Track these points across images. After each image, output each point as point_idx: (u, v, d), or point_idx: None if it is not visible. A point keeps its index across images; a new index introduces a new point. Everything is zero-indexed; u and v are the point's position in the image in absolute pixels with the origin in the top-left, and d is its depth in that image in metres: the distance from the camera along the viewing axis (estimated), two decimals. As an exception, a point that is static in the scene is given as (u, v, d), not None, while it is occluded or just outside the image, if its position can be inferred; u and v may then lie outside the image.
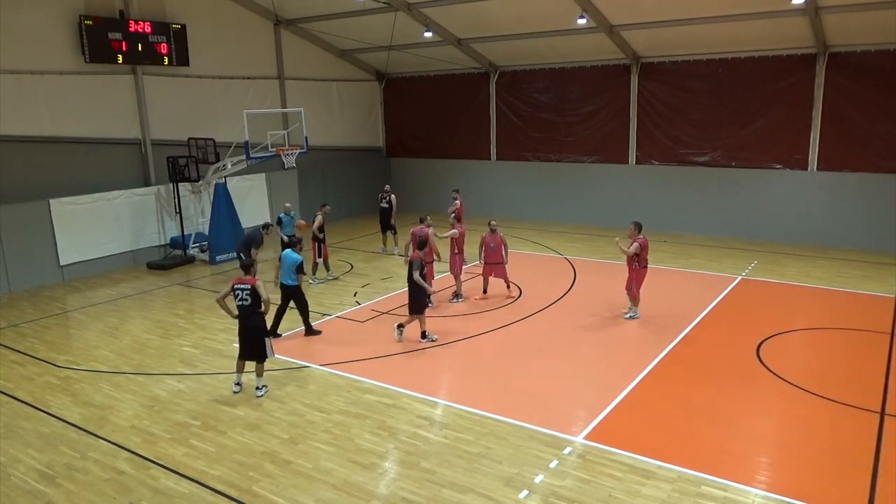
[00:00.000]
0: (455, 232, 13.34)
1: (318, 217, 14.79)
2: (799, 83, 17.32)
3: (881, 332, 11.01)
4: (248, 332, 9.00)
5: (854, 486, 6.69)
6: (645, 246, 11.70)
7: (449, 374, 9.89)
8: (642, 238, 11.67)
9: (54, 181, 15.73)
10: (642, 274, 11.84)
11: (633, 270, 11.80)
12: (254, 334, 8.99)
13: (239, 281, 8.96)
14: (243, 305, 8.91)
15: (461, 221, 14.18)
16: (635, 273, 11.79)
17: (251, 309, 8.89)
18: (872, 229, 16.75)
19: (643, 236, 11.70)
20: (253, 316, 8.92)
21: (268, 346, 9.06)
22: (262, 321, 9.01)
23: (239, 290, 8.88)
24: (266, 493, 6.76)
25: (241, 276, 9.07)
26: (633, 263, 11.76)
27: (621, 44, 18.46)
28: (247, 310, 8.91)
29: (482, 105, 22.66)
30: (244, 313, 8.94)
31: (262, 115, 16.95)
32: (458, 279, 13.35)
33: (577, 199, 21.16)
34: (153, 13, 17.17)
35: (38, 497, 6.83)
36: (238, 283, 8.92)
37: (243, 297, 8.88)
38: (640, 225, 11.80)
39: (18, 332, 12.14)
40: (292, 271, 11.07)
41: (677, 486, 6.69)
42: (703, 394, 8.85)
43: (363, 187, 23.25)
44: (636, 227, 11.76)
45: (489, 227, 13.21)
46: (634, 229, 11.74)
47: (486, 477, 6.94)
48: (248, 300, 8.87)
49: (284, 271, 11.18)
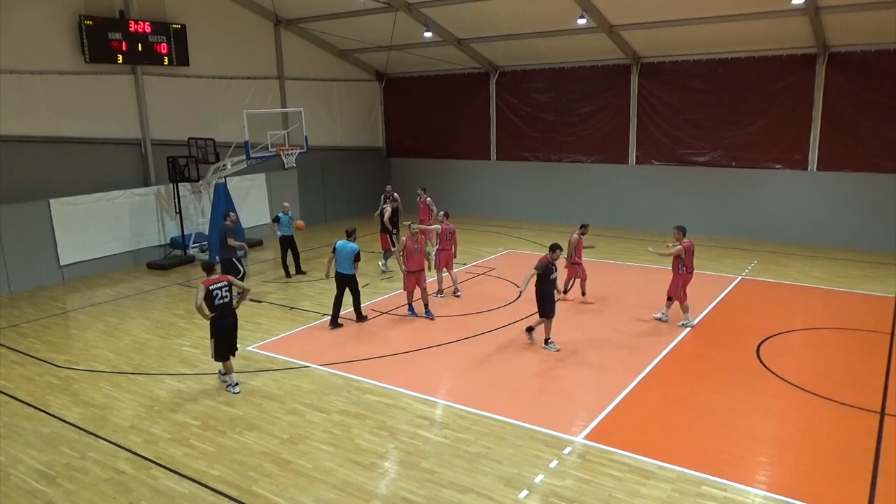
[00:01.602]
0: (438, 227, 13.48)
1: (388, 209, 15.33)
2: (799, 83, 17.33)
3: (881, 332, 11.01)
4: (231, 328, 9.12)
5: (854, 486, 6.69)
6: (689, 250, 11.26)
7: (449, 374, 9.89)
8: (687, 242, 11.26)
9: (54, 181, 15.74)
10: (688, 279, 11.36)
11: (679, 276, 11.32)
12: (233, 330, 9.17)
13: (212, 281, 8.88)
14: (224, 303, 8.92)
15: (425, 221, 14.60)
16: (681, 279, 11.31)
17: (231, 305, 9.04)
18: (872, 229, 16.76)
19: (688, 240, 11.31)
20: (232, 313, 9.10)
21: None
22: (236, 316, 9.20)
23: (217, 288, 8.86)
24: (266, 493, 6.76)
25: (209, 278, 8.93)
26: (678, 268, 11.30)
27: (621, 44, 18.46)
28: (228, 306, 9.00)
29: (482, 105, 22.66)
30: (226, 311, 8.98)
31: (262, 115, 16.94)
32: (441, 275, 13.56)
33: (577, 200, 21.16)
34: (153, 13, 17.18)
35: (38, 497, 6.83)
36: (213, 283, 8.85)
37: (222, 295, 8.89)
38: (683, 229, 11.38)
39: (18, 332, 12.14)
40: (350, 260, 11.48)
41: (677, 486, 6.69)
42: (703, 394, 8.85)
43: (363, 187, 23.26)
44: (680, 231, 11.34)
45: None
46: (678, 233, 11.33)
47: (486, 477, 6.94)
48: (227, 297, 8.95)
49: (341, 261, 11.51)
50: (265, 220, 20.28)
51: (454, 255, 13.55)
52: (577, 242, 12.96)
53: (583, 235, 13.09)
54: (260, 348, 10.89)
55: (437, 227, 13.55)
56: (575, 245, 12.92)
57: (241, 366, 10.14)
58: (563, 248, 10.72)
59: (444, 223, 13.53)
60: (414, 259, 12.06)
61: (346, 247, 11.55)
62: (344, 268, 11.59)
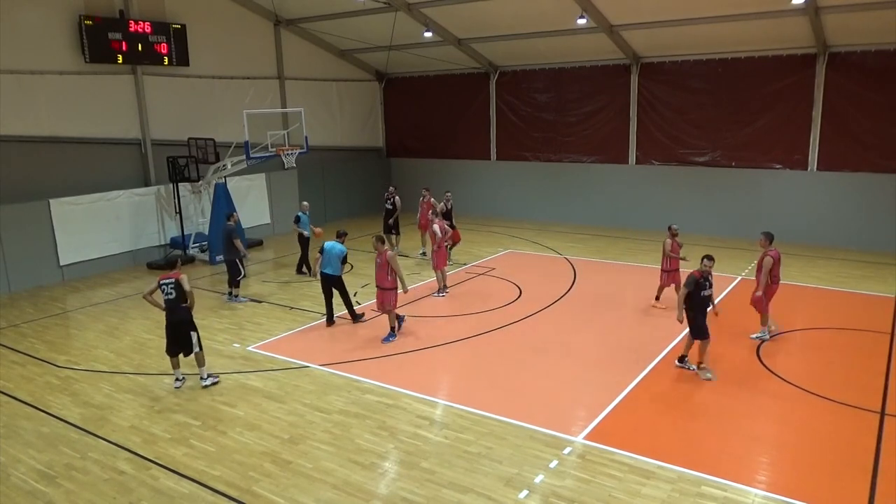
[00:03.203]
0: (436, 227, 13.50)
1: (442, 205, 15.79)
2: (799, 83, 17.33)
3: (881, 332, 11.01)
4: (172, 325, 9.25)
5: (854, 486, 6.69)
6: (777, 259, 10.45)
7: (449, 374, 9.89)
8: (774, 250, 10.45)
9: (54, 181, 15.74)
10: (773, 290, 10.62)
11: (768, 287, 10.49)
12: (178, 328, 9.24)
13: (164, 276, 9.22)
14: (169, 299, 9.13)
15: None
16: (767, 289, 10.48)
17: (175, 303, 9.12)
18: (872, 229, 16.76)
19: (774, 248, 10.50)
20: (178, 310, 9.17)
21: (194, 339, 9.32)
22: (187, 314, 9.23)
23: (164, 284, 9.13)
24: (266, 493, 6.76)
25: (166, 272, 9.36)
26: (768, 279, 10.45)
27: (621, 44, 18.46)
28: (172, 303, 9.14)
29: (482, 105, 22.66)
30: (169, 307, 9.17)
31: (262, 115, 16.94)
32: (439, 274, 13.62)
33: (577, 200, 21.17)
34: (153, 13, 17.18)
35: (38, 497, 6.83)
36: (163, 279, 9.18)
37: (168, 292, 9.10)
38: (771, 235, 10.55)
39: (18, 332, 12.14)
40: (337, 261, 11.56)
41: (677, 486, 6.69)
42: (703, 394, 8.85)
43: (363, 187, 23.27)
44: (767, 238, 10.50)
45: None
46: (765, 240, 10.50)
47: (486, 477, 6.94)
48: (172, 294, 9.09)
49: (328, 261, 11.55)
50: (265, 221, 20.34)
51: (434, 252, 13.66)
52: (673, 247, 12.15)
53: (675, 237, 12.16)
54: (260, 348, 10.89)
55: (436, 228, 13.56)
56: (669, 251, 12.13)
57: (241, 366, 10.16)
58: (714, 259, 9.51)
59: (438, 222, 13.62)
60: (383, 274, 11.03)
61: (335, 248, 11.63)
62: (327, 268, 11.62)
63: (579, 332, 11.43)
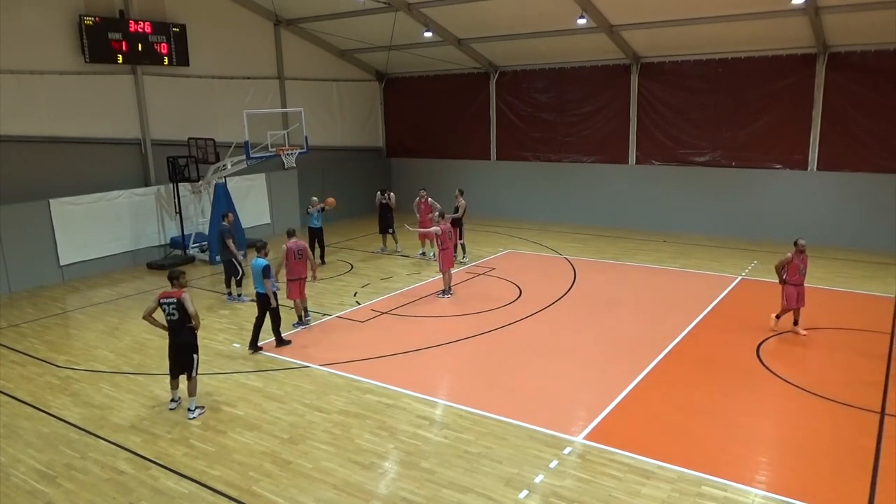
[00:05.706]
0: (437, 229, 13.49)
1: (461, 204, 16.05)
2: (799, 83, 17.32)
3: (881, 332, 11.01)
4: (175, 347, 8.46)
5: (854, 486, 6.69)
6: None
7: (449, 374, 9.89)
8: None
9: (54, 181, 15.73)
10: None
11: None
12: (182, 350, 8.45)
13: (165, 295, 8.35)
14: (172, 320, 8.33)
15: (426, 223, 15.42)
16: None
17: (180, 324, 8.32)
18: (872, 229, 16.75)
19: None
20: (183, 331, 8.37)
21: (195, 362, 8.51)
22: (192, 336, 8.43)
23: (165, 304, 8.29)
24: (266, 493, 6.76)
25: (167, 290, 8.43)
26: None
27: (621, 44, 18.46)
28: (176, 324, 8.34)
29: (482, 105, 22.66)
30: (173, 328, 8.38)
31: (262, 115, 16.94)
32: (446, 276, 13.56)
33: (577, 199, 21.17)
34: (153, 13, 17.17)
35: (38, 497, 6.83)
36: (164, 297, 8.33)
37: (170, 312, 8.29)
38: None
39: (18, 332, 12.14)
40: (260, 278, 10.29)
41: (677, 486, 6.69)
42: (703, 394, 8.85)
43: (363, 187, 23.20)
44: None
45: None
46: None
47: (486, 477, 6.94)
48: (175, 314, 8.28)
49: (254, 278, 10.44)
50: (265, 221, 20.33)
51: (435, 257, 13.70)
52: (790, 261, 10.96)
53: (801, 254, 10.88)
54: (260, 348, 10.89)
55: (436, 229, 13.55)
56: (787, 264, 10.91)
57: (241, 366, 10.16)
58: None
59: (441, 224, 13.57)
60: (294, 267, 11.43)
61: (255, 265, 10.37)
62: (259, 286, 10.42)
63: (579, 332, 11.43)
